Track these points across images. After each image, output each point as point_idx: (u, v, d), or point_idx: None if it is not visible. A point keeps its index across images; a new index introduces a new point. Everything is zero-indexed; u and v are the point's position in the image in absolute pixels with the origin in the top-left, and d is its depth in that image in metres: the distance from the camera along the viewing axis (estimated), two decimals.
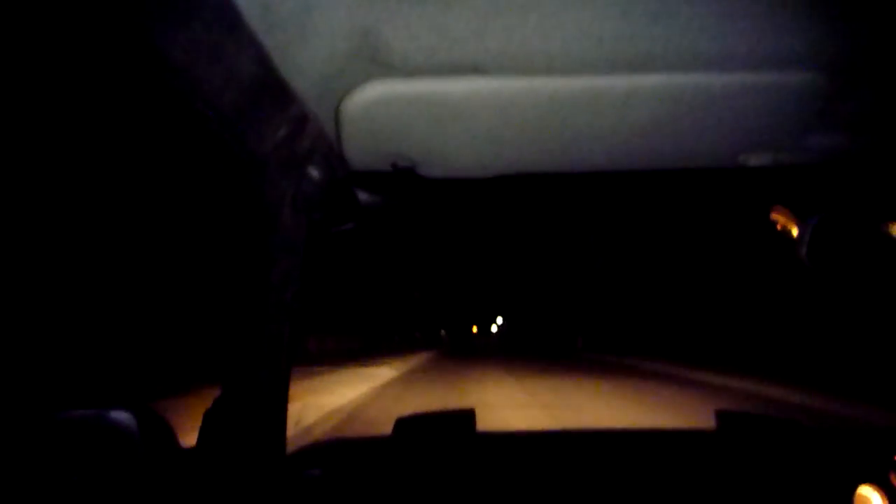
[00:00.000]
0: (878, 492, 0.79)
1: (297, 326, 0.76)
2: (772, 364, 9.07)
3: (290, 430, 0.91)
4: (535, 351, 28.01)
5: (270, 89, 0.61)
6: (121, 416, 0.63)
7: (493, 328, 77.84)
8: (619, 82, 0.66)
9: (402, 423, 1.05)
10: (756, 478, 0.99)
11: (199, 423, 0.70)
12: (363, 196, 0.97)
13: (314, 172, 0.76)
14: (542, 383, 9.93)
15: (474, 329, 73.00)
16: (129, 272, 9.07)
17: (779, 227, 0.97)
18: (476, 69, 0.65)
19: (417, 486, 1.00)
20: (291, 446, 0.85)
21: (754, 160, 0.83)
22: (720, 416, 1.09)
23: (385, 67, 0.64)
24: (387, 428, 1.05)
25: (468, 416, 1.09)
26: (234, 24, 0.50)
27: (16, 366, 5.82)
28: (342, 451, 1.11)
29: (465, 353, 27.42)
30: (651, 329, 15.69)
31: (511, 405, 6.79)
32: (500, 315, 72.48)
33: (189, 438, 0.69)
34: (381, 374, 11.15)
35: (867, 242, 0.78)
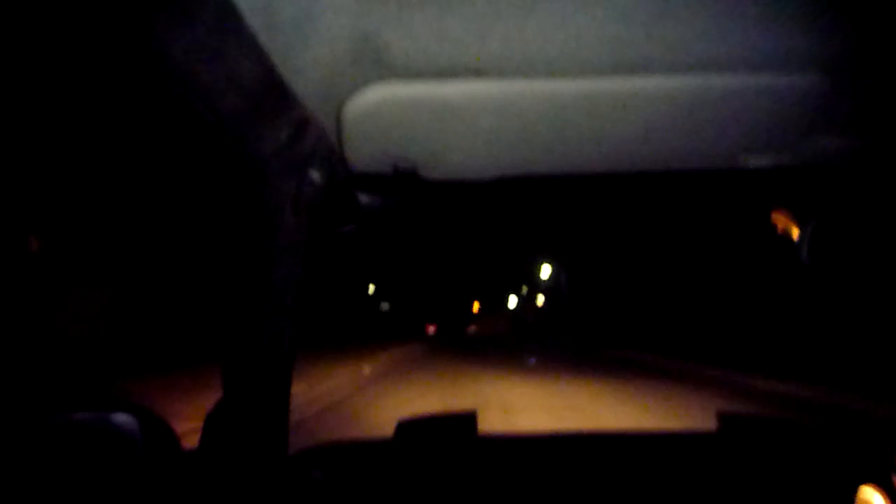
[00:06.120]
0: (880, 492, 0.78)
1: (298, 328, 0.76)
2: (777, 362, 9.04)
3: None
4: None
5: (272, 92, 0.61)
6: (122, 418, 0.63)
7: (512, 301, 44.49)
8: (620, 84, 0.66)
9: (404, 426, 1.05)
10: (757, 479, 0.99)
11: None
12: (364, 198, 0.97)
13: (315, 175, 0.76)
14: None
15: (476, 307, 45.29)
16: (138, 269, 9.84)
17: (780, 229, 0.97)
18: (477, 72, 0.65)
19: (419, 488, 1.00)
20: (293, 448, 0.85)
21: (755, 162, 0.83)
22: (721, 417, 1.09)
23: (386, 70, 0.64)
24: None
25: (470, 418, 1.09)
26: (235, 27, 0.50)
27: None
28: (344, 454, 1.11)
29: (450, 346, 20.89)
30: (656, 325, 15.53)
31: None
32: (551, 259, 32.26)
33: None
34: None
35: (867, 243, 0.78)
